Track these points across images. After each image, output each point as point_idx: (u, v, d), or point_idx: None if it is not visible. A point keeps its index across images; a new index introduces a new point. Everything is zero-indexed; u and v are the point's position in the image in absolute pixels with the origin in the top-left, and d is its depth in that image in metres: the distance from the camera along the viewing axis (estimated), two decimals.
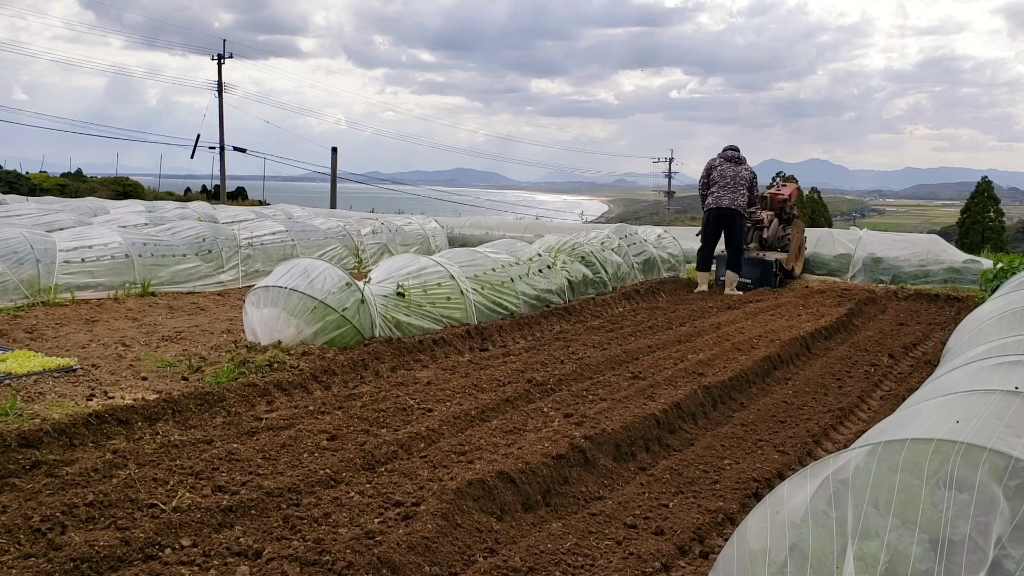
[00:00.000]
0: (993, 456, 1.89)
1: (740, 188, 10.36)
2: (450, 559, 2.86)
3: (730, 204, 10.28)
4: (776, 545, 1.95)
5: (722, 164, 10.53)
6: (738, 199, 10.33)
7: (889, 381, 6.13)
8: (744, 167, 10.55)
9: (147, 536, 2.88)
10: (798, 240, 11.54)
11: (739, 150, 10.70)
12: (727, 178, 10.41)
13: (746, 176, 10.49)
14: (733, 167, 10.47)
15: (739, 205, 10.31)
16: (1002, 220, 49.93)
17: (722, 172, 10.46)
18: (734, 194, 10.32)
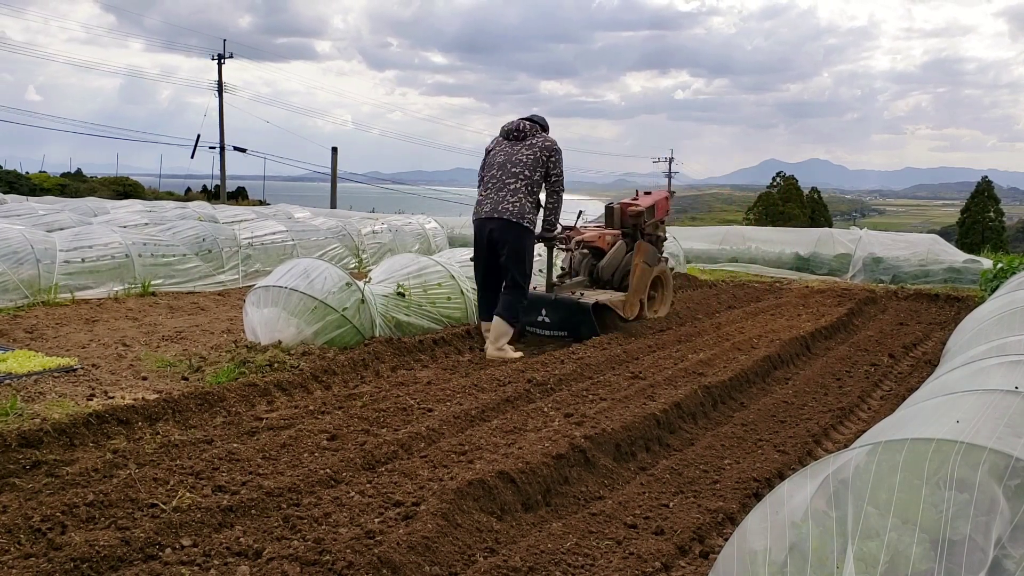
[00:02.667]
0: (993, 456, 1.89)
1: (519, 180, 6.19)
2: (450, 559, 2.86)
3: (493, 210, 6.18)
4: (776, 545, 1.95)
5: (498, 145, 6.45)
6: (514, 200, 6.14)
7: (889, 381, 6.13)
8: (534, 142, 6.31)
9: (147, 536, 2.88)
10: (644, 272, 7.48)
11: (539, 121, 6.55)
12: (497, 166, 6.32)
13: (531, 158, 6.23)
14: (511, 147, 6.35)
15: (514, 211, 6.13)
16: (1002, 220, 50.00)
17: (492, 161, 6.41)
18: (505, 192, 6.17)
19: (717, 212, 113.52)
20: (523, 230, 6.18)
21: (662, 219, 8.13)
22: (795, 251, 13.95)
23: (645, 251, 7.50)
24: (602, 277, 7.55)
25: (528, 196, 6.20)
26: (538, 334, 7.01)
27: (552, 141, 6.37)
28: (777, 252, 14.16)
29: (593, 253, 7.67)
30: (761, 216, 50.74)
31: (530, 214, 6.21)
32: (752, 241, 14.79)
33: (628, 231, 7.74)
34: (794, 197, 53.64)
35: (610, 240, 7.62)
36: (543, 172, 6.29)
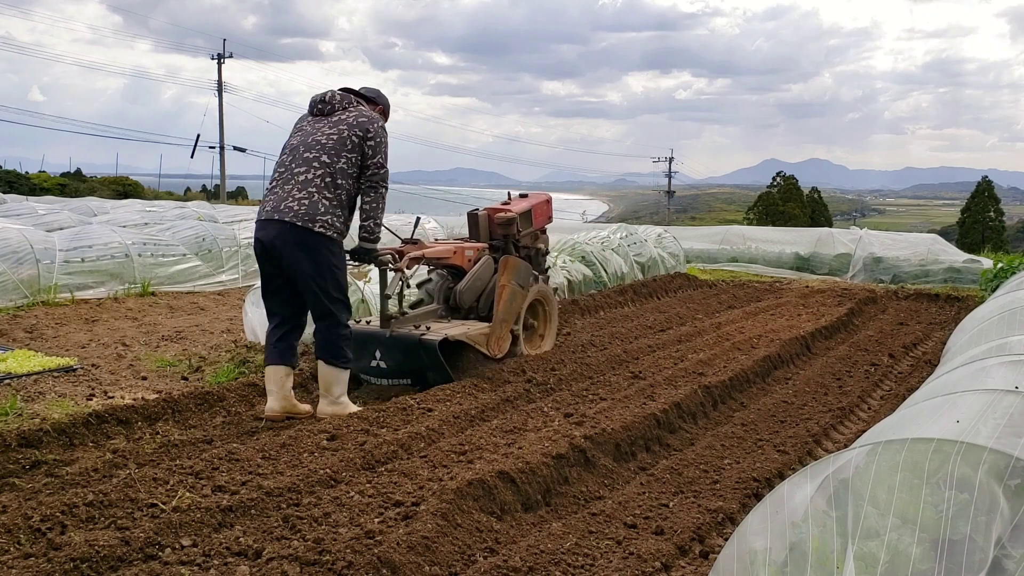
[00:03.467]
0: (993, 456, 1.89)
1: (312, 169, 4.44)
2: (450, 559, 2.86)
3: (274, 211, 4.41)
4: (776, 545, 1.95)
5: (301, 122, 4.74)
6: (303, 196, 4.39)
7: (889, 381, 6.13)
8: (345, 116, 4.58)
9: (147, 536, 2.88)
10: (513, 295, 5.72)
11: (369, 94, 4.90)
12: (289, 151, 4.59)
13: (335, 139, 4.50)
14: (313, 124, 4.63)
15: (302, 211, 4.36)
16: (1002, 220, 50.03)
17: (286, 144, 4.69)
18: (292, 185, 4.44)
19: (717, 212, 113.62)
20: (317, 238, 4.30)
21: (542, 228, 6.65)
22: (795, 251, 13.95)
23: (515, 268, 5.72)
24: (462, 303, 5.80)
25: (327, 191, 4.35)
26: (372, 383, 5.31)
27: (371, 116, 4.59)
28: (777, 252, 14.16)
29: (452, 274, 5.91)
30: (761, 216, 50.76)
31: (329, 215, 4.33)
32: (752, 241, 14.79)
33: (498, 244, 6.15)
34: (794, 197, 53.66)
35: (472, 256, 5.87)
36: (356, 159, 4.46)
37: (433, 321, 5.59)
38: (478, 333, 5.46)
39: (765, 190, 57.30)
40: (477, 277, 5.85)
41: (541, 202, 6.67)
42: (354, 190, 4.53)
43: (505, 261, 5.74)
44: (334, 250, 4.43)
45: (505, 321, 5.68)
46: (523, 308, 5.91)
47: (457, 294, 5.80)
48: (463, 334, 5.33)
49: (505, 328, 5.70)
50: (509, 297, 5.68)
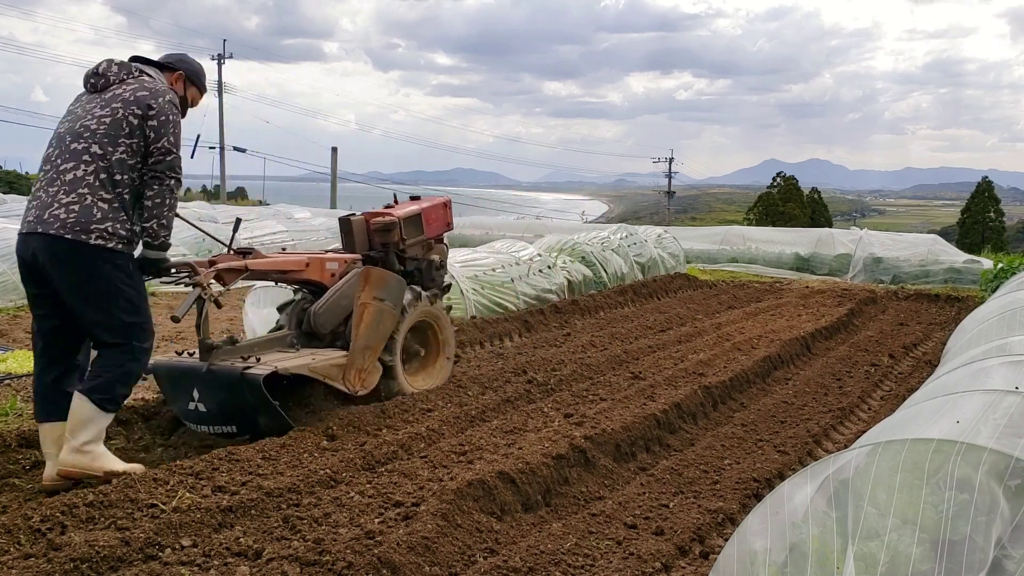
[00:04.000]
0: (993, 456, 1.89)
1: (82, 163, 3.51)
2: (450, 559, 2.86)
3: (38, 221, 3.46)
4: (776, 545, 1.95)
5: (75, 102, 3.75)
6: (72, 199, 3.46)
7: (889, 381, 6.13)
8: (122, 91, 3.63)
9: (147, 536, 2.88)
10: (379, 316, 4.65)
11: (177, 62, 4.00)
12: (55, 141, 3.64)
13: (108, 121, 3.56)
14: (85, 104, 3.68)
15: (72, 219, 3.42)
16: (1002, 220, 50.03)
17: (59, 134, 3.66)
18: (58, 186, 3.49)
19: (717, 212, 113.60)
20: (95, 252, 3.43)
21: (438, 237, 5.64)
22: (795, 251, 13.96)
23: (380, 281, 4.62)
24: (319, 328, 4.71)
25: (103, 191, 3.48)
26: (190, 428, 4.29)
27: (154, 89, 3.66)
28: (777, 252, 14.17)
29: (313, 292, 4.88)
30: (761, 216, 50.76)
31: (108, 221, 3.46)
32: (752, 241, 14.80)
33: (378, 255, 5.15)
34: (794, 197, 53.67)
35: (336, 270, 4.82)
36: (137, 144, 3.56)
37: (275, 351, 4.52)
38: (328, 364, 4.36)
39: (765, 190, 57.32)
40: (341, 295, 4.72)
41: (435, 206, 5.63)
42: (138, 182, 3.59)
43: (366, 273, 4.60)
44: (119, 263, 3.50)
45: (368, 348, 4.54)
46: (399, 332, 4.80)
47: (312, 316, 4.68)
48: (304, 366, 4.26)
49: (369, 357, 4.56)
50: (373, 318, 4.54)
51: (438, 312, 5.27)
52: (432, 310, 5.19)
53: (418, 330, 5.14)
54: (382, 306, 4.59)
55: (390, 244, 5.18)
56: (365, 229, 5.19)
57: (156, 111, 3.57)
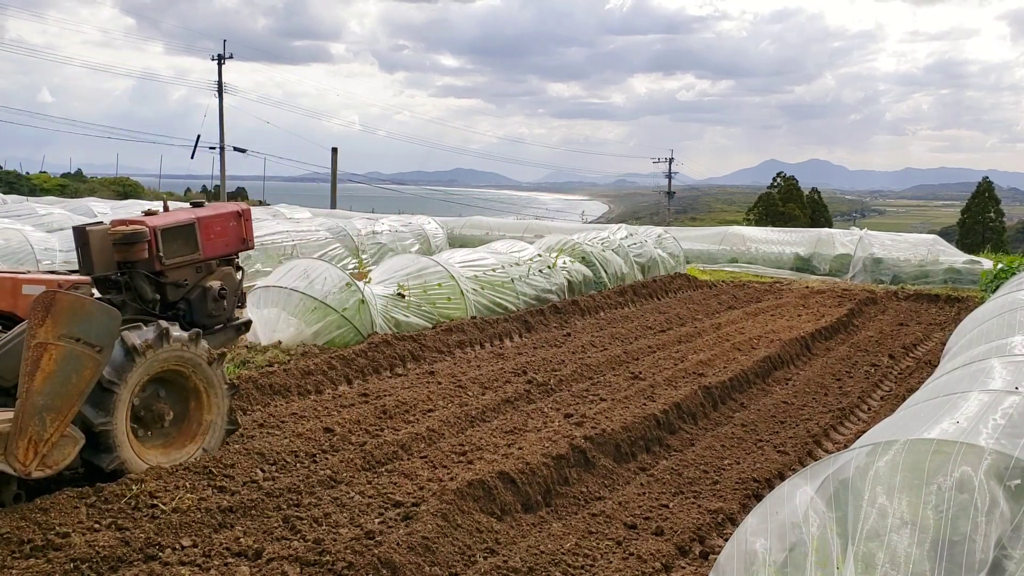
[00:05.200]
0: (993, 456, 1.89)
1: None
2: (450, 559, 2.86)
3: None
4: (776, 545, 1.95)
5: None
6: None
7: (889, 381, 6.13)
8: None
9: (147, 536, 2.88)
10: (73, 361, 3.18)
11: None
12: None
13: None
14: None
15: None
16: (1002, 220, 50.00)
17: None
18: None
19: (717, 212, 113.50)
20: None
21: (225, 257, 4.39)
22: (795, 252, 13.95)
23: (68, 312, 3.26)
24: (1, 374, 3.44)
25: None
26: None
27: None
28: (777, 252, 14.15)
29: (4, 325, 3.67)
30: (761, 216, 50.73)
31: None
32: (752, 242, 14.78)
33: (121, 279, 4.05)
34: (794, 197, 53.64)
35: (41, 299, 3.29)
36: None
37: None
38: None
39: (765, 191, 57.29)
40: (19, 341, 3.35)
41: (219, 216, 4.34)
42: None
43: (47, 299, 3.23)
44: None
45: (51, 409, 3.18)
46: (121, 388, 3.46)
47: None
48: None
49: (53, 423, 3.18)
50: (59, 366, 3.19)
51: (199, 359, 3.77)
52: (190, 355, 3.73)
53: (171, 384, 3.78)
54: (72, 348, 3.20)
55: (137, 263, 3.97)
56: (101, 243, 4.00)
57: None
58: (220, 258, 4.30)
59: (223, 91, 39.97)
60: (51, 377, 3.16)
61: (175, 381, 3.76)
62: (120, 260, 3.90)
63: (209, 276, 4.21)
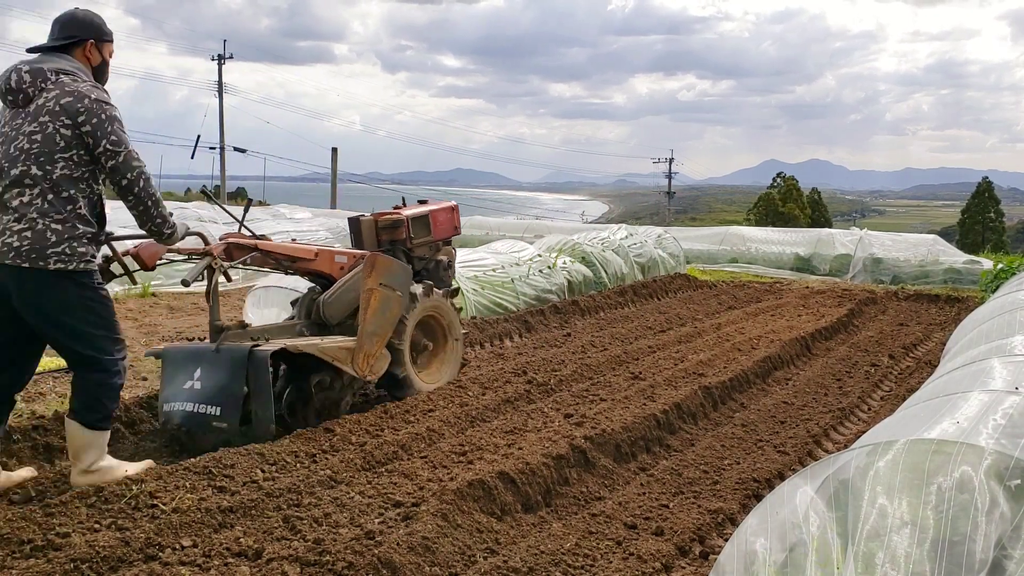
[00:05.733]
0: (993, 456, 1.89)
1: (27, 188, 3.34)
2: (450, 559, 2.86)
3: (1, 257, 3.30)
4: (776, 545, 1.95)
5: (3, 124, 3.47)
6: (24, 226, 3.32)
7: (889, 381, 6.13)
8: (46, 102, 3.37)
9: (147, 536, 2.88)
10: (387, 302, 4.74)
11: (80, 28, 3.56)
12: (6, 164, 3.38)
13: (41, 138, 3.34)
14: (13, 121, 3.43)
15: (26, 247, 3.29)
16: (1002, 220, 50.09)
17: None
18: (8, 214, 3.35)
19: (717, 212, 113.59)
20: (54, 277, 3.32)
21: (445, 240, 5.77)
22: (795, 252, 13.96)
23: (385, 268, 4.72)
24: (328, 318, 4.77)
25: (54, 212, 3.33)
26: (175, 411, 4.13)
27: (79, 90, 3.40)
28: (777, 253, 14.16)
29: (323, 285, 4.95)
30: (761, 216, 50.78)
31: (63, 244, 3.33)
32: (752, 242, 14.79)
33: (380, 247, 5.29)
34: (794, 197, 53.68)
35: (345, 263, 4.87)
36: (79, 155, 3.38)
37: (286, 337, 4.53)
38: (336, 347, 4.38)
39: (765, 191, 57.31)
40: (349, 287, 4.75)
41: (442, 209, 5.77)
42: (95, 191, 3.47)
43: (372, 259, 4.69)
44: (83, 281, 3.38)
45: (376, 334, 4.58)
46: (408, 321, 4.89)
47: (321, 306, 4.73)
48: (313, 346, 4.27)
49: (377, 343, 4.60)
50: (380, 304, 4.61)
51: (446, 306, 5.35)
52: (440, 303, 5.27)
53: (427, 324, 5.23)
54: (389, 293, 4.68)
55: (397, 242, 5.31)
56: (373, 228, 5.32)
57: (85, 115, 3.33)
58: (443, 240, 5.74)
59: (223, 91, 40.00)
60: (375, 312, 4.61)
61: (429, 324, 5.28)
62: (384, 240, 5.31)
63: (437, 253, 5.67)
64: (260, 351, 4.03)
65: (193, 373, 4.11)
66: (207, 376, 4.07)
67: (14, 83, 3.38)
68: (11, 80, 3.39)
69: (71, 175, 3.34)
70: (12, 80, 3.39)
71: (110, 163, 3.38)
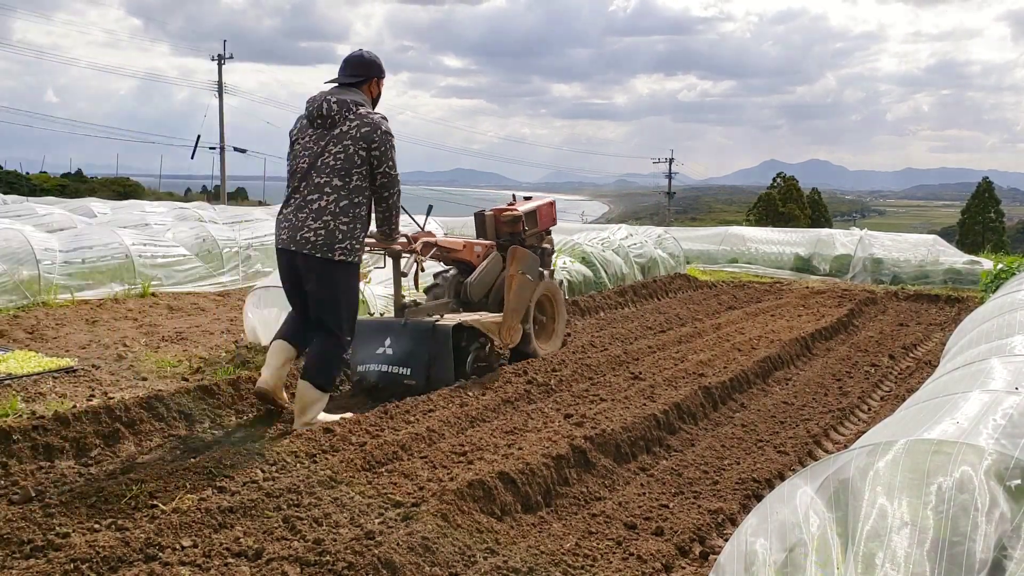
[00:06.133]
0: (993, 456, 1.89)
1: (325, 195, 4.32)
2: (450, 559, 2.86)
3: (291, 240, 4.36)
4: (776, 545, 1.95)
5: (302, 134, 4.52)
6: (319, 225, 4.31)
7: (889, 381, 6.13)
8: (348, 129, 4.37)
9: (147, 536, 2.88)
10: (523, 286, 5.80)
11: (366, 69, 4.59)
12: (300, 175, 4.42)
13: (343, 157, 4.35)
14: (317, 140, 4.41)
15: (320, 241, 4.30)
16: (1002, 220, 50.10)
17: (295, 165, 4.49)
18: (307, 212, 4.33)
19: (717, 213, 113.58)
20: (335, 266, 4.29)
21: (547, 229, 6.83)
22: (795, 252, 13.95)
23: (523, 258, 5.81)
24: (471, 297, 5.95)
25: (344, 215, 4.28)
26: (370, 371, 5.19)
27: (374, 121, 4.34)
28: (777, 253, 14.15)
29: (461, 270, 6.12)
30: (761, 217, 50.77)
31: (347, 240, 4.30)
32: (752, 242, 14.78)
33: (504, 242, 6.31)
34: (794, 198, 53.67)
35: (481, 252, 6.11)
36: (367, 171, 4.36)
37: (446, 313, 5.74)
38: (490, 322, 5.52)
39: (765, 191, 57.31)
40: (486, 272, 6.07)
41: (545, 204, 6.83)
42: (369, 199, 4.47)
43: (514, 251, 5.83)
44: (352, 272, 4.45)
45: (516, 311, 5.74)
46: (531, 301, 6.02)
47: (467, 287, 5.96)
48: (476, 321, 5.42)
49: (516, 318, 5.73)
50: (519, 287, 5.75)
51: (555, 287, 6.56)
52: (551, 285, 6.47)
53: (539, 302, 6.29)
54: (524, 278, 5.81)
55: (515, 233, 6.38)
56: (494, 222, 6.46)
57: (377, 143, 4.35)
58: (545, 230, 6.78)
59: (223, 91, 40.00)
60: (516, 293, 5.71)
61: (543, 302, 6.36)
62: (504, 232, 6.40)
63: (542, 242, 6.71)
64: (442, 325, 5.18)
65: (384, 341, 5.20)
66: (396, 344, 5.18)
67: (325, 111, 4.37)
68: (323, 108, 4.38)
69: (360, 186, 4.36)
70: (323, 108, 4.37)
71: (382, 180, 4.43)
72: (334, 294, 4.37)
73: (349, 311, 4.47)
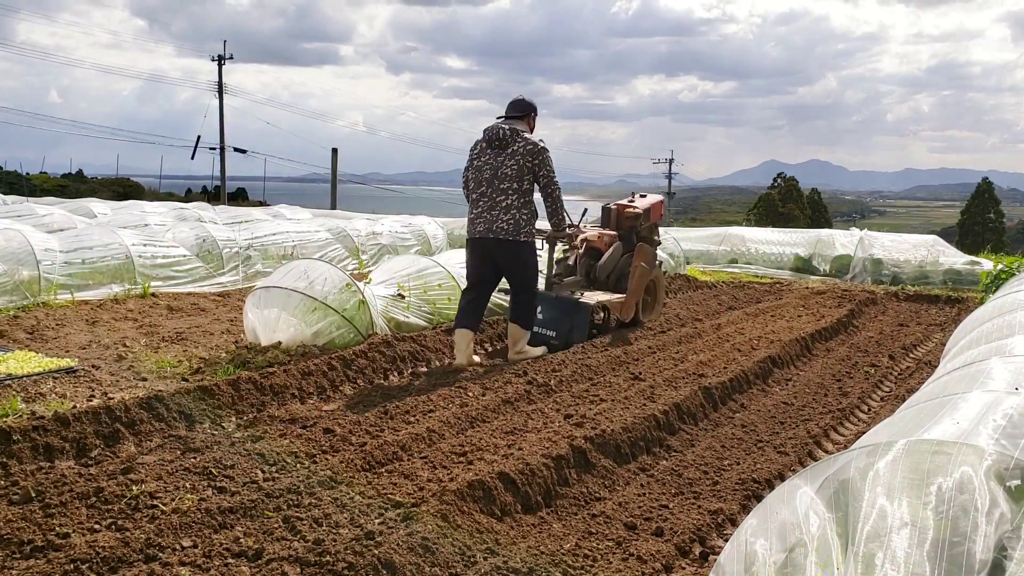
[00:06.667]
0: (993, 457, 1.89)
1: (509, 195, 5.91)
2: (450, 560, 2.86)
3: (488, 231, 5.98)
4: (777, 545, 1.95)
5: (482, 154, 6.10)
6: (508, 217, 5.92)
7: (889, 382, 6.13)
8: (516, 149, 5.93)
9: (147, 537, 2.88)
10: (643, 274, 7.46)
11: (526, 107, 6.21)
12: (485, 183, 6.01)
13: (515, 168, 5.90)
14: (495, 157, 6.00)
15: (510, 228, 5.92)
16: (1002, 221, 50.08)
17: (479, 176, 6.07)
18: (497, 211, 5.94)
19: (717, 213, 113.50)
20: (521, 245, 6.03)
21: (656, 222, 8.12)
22: (795, 252, 13.95)
23: (645, 254, 7.52)
24: (598, 278, 7.55)
25: (522, 209, 5.97)
26: None
27: (534, 144, 5.97)
28: (777, 253, 14.15)
29: (590, 253, 7.64)
30: (761, 217, 50.74)
31: (527, 225, 6.01)
32: (752, 242, 14.78)
33: (624, 233, 7.77)
34: (794, 198, 53.64)
35: (607, 241, 7.65)
36: (531, 178, 6.00)
37: (579, 289, 7.28)
38: (616, 301, 7.20)
39: (766, 191, 57.29)
40: (611, 258, 7.56)
41: (657, 202, 8.15)
42: (534, 197, 6.08)
43: (640, 248, 7.47)
44: (533, 247, 6.16)
45: (635, 294, 7.41)
46: (645, 285, 7.63)
47: (597, 269, 7.54)
48: (608, 301, 7.11)
49: (633, 299, 7.41)
50: (640, 276, 7.43)
51: (660, 274, 8.07)
52: (657, 272, 7.96)
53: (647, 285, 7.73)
54: (644, 268, 7.49)
55: (633, 227, 7.75)
56: (617, 216, 7.87)
57: (539, 157, 5.94)
58: (655, 224, 8.10)
59: (224, 92, 40.00)
60: (637, 280, 7.39)
61: (650, 285, 7.81)
62: (625, 225, 7.78)
63: (653, 233, 8.02)
64: (583, 302, 6.83)
65: (537, 308, 6.48)
66: (547, 311, 6.81)
67: (500, 136, 5.97)
68: (499, 134, 5.98)
69: (529, 188, 5.99)
70: (500, 134, 5.98)
71: (543, 181, 6.02)
72: (523, 264, 6.07)
73: (533, 271, 6.18)
